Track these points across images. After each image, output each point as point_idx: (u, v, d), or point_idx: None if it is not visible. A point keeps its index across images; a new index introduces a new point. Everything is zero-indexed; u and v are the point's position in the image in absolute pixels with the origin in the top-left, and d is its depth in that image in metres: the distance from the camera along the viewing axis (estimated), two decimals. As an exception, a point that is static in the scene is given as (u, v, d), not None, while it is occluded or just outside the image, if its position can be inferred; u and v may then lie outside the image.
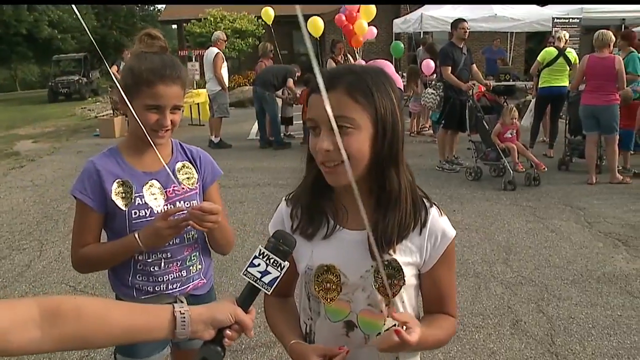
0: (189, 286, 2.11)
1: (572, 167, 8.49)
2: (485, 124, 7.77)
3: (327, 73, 1.40)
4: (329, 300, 1.48)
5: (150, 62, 1.89)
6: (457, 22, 8.47)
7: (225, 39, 11.06)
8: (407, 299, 1.52)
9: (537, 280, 4.61)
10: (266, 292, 1.30)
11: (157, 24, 31.22)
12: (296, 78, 10.81)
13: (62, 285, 4.77)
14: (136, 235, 1.91)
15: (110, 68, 7.50)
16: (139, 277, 2.03)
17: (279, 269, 1.30)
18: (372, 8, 11.55)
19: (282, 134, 11.38)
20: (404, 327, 1.31)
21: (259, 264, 1.31)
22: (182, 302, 2.05)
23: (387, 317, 1.46)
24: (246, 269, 1.31)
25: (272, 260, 1.30)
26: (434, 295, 1.55)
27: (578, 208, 6.59)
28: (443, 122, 8.74)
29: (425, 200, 1.51)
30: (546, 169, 7.56)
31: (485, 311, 4.09)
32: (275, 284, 1.30)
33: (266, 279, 1.30)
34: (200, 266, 2.15)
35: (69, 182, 8.49)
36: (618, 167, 7.82)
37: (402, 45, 12.61)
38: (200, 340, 1.29)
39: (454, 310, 1.58)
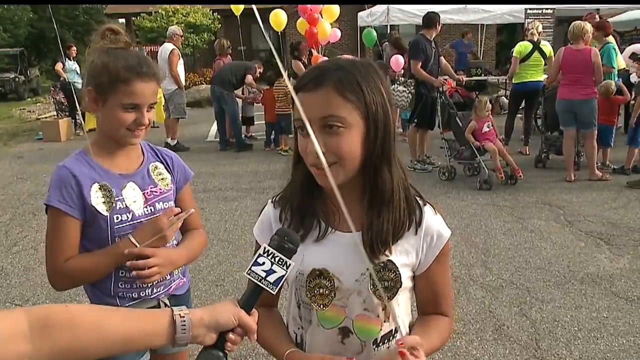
0: (171, 287, 2.15)
1: (549, 164, 8.67)
2: (458, 120, 7.88)
3: (313, 70, 1.41)
4: (322, 307, 1.48)
5: (125, 58, 1.92)
6: (438, 19, 8.50)
7: (181, 34, 10.92)
8: (402, 302, 1.55)
9: (519, 283, 4.68)
10: (271, 292, 1.30)
11: (103, 17, 30.74)
12: (257, 74, 10.77)
13: (7, 304, 4.63)
14: (131, 238, 1.93)
15: (56, 66, 7.33)
16: (121, 284, 2.03)
17: (284, 267, 1.30)
18: (336, 8, 11.48)
19: (243, 135, 11.33)
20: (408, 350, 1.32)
21: (263, 263, 1.30)
22: (166, 304, 2.10)
23: (384, 322, 1.49)
24: (250, 268, 1.30)
25: (277, 259, 1.30)
26: (429, 296, 1.58)
27: (557, 206, 6.73)
28: (415, 120, 8.80)
29: (418, 199, 1.54)
30: (522, 176, 7.68)
31: (466, 316, 4.14)
32: (281, 283, 1.30)
33: (271, 278, 1.29)
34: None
35: (9, 190, 8.29)
36: (597, 163, 8.02)
37: (375, 33, 12.51)
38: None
39: (450, 310, 1.62)
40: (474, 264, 5.09)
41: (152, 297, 2.09)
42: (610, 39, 8.67)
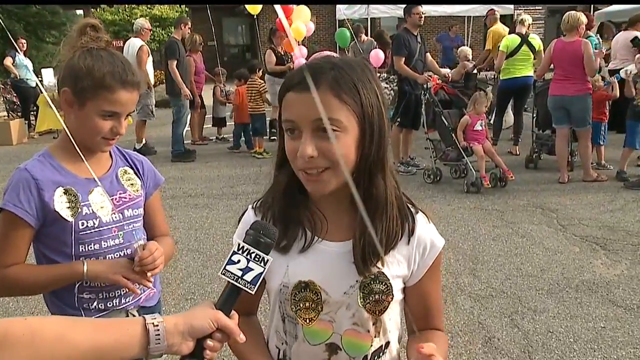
0: (141, 298, 2.16)
1: (541, 165, 8.76)
2: (444, 120, 7.91)
3: (306, 68, 1.40)
4: (308, 321, 1.49)
5: (112, 64, 1.94)
6: (411, 7, 8.53)
7: (150, 27, 10.70)
8: (393, 316, 1.55)
9: (509, 292, 4.72)
10: (249, 291, 1.29)
11: (58, 8, 30.27)
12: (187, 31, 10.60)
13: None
14: (84, 264, 1.95)
15: (5, 61, 7.22)
16: (87, 294, 2.04)
17: (262, 264, 1.30)
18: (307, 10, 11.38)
19: (214, 138, 11.32)
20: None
21: (238, 260, 1.29)
22: (134, 316, 2.10)
23: (374, 337, 1.50)
24: (224, 268, 1.29)
25: (253, 255, 1.30)
26: (422, 310, 1.59)
27: (550, 210, 6.79)
28: (398, 119, 8.84)
29: (410, 207, 1.55)
30: (514, 178, 7.75)
31: (454, 328, 4.16)
32: (259, 281, 1.29)
33: (248, 277, 1.29)
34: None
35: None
36: (592, 163, 8.10)
37: (348, 32, 12.58)
38: None
39: (442, 324, 1.64)
40: (461, 272, 5.12)
41: (120, 307, 2.09)
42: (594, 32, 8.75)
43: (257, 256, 1.30)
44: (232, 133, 11.09)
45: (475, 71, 11.93)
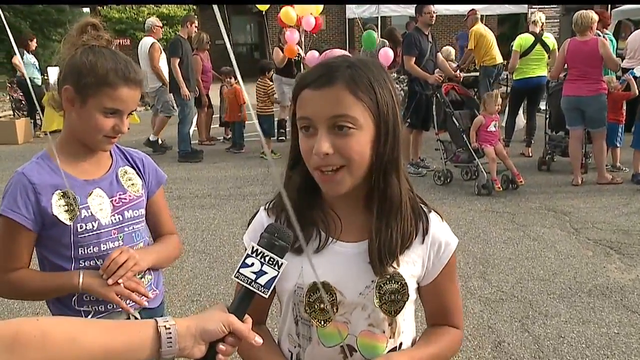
0: (142, 299, 2.16)
1: (554, 167, 8.75)
2: (455, 120, 7.90)
3: (322, 66, 1.43)
4: (322, 323, 1.51)
5: (114, 61, 1.96)
6: (423, 6, 8.54)
7: (161, 25, 10.73)
8: (407, 317, 1.58)
9: (520, 296, 4.72)
10: (263, 295, 1.30)
11: (65, 6, 30.34)
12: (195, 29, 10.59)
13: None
14: (80, 276, 1.96)
15: (12, 59, 7.26)
16: (86, 297, 2.05)
17: (276, 267, 1.31)
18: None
19: (222, 138, 11.53)
20: None
21: (252, 264, 1.31)
22: (136, 317, 2.11)
23: (389, 338, 1.52)
24: (238, 271, 1.31)
25: (267, 258, 1.31)
26: (438, 308, 1.63)
27: (562, 213, 6.78)
28: (408, 120, 8.85)
29: (423, 207, 1.57)
30: (523, 182, 7.71)
31: (463, 332, 4.14)
32: (273, 285, 1.31)
33: (262, 280, 1.30)
34: (150, 277, 2.21)
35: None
36: (607, 165, 8.07)
37: (375, 35, 12.45)
38: None
39: (460, 321, 1.66)
40: (471, 276, 5.12)
41: (119, 309, 2.09)
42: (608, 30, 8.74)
43: (272, 259, 1.31)
44: (233, 133, 11.13)
45: (458, 71, 11.90)
